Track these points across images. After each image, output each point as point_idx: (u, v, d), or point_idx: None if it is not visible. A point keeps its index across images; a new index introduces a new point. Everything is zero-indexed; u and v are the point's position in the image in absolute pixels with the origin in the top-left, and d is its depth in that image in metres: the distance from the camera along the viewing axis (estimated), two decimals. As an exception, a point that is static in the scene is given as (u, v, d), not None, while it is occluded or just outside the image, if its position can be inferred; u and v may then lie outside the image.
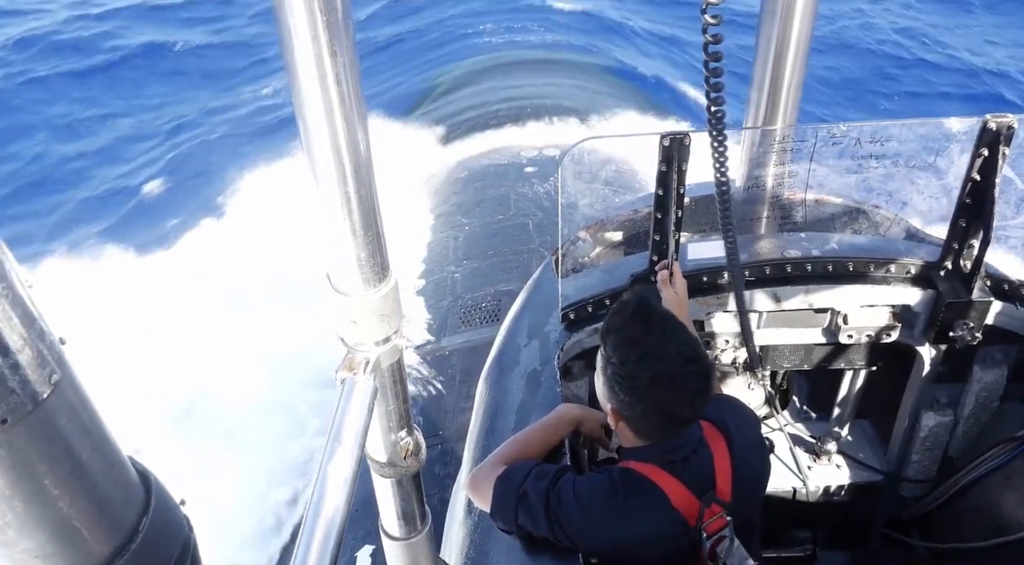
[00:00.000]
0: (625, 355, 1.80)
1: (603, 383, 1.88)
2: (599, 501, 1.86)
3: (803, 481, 3.01)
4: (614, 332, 1.85)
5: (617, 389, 1.82)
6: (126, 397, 6.65)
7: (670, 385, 1.76)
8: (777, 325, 2.77)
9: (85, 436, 0.95)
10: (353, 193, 1.38)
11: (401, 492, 1.81)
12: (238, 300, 8.10)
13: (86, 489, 0.95)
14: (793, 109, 2.83)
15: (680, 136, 2.30)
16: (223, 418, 7.07)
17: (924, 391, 2.80)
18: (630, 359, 1.78)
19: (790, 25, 2.64)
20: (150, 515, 1.03)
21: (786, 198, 2.73)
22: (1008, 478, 2.62)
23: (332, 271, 1.48)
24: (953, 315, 2.55)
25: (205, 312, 8.03)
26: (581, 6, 17.75)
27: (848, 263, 2.64)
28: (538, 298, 3.00)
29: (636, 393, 1.79)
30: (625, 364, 1.79)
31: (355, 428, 1.44)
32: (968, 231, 2.48)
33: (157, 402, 7.04)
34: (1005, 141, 2.29)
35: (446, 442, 5.19)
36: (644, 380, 1.77)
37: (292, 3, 1.19)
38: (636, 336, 1.80)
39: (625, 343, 1.81)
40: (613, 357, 1.82)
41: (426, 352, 6.08)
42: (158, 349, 7.59)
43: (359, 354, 1.53)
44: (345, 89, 1.28)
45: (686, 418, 1.83)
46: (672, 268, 2.49)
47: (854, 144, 2.47)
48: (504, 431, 2.48)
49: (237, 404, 7.13)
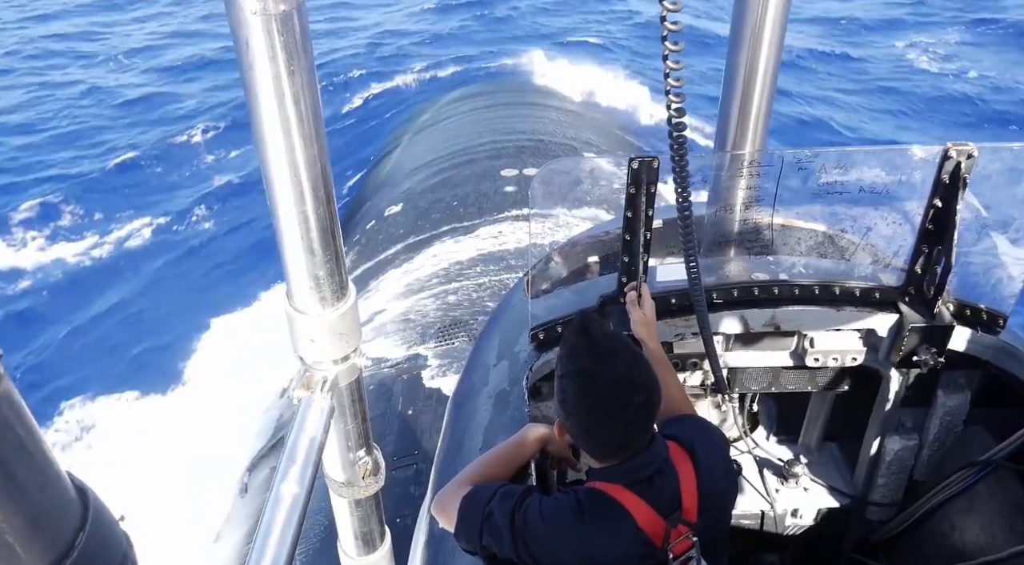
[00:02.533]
0: (563, 369, 1.81)
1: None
2: (565, 522, 1.85)
3: (771, 504, 3.02)
4: (561, 345, 1.86)
5: (558, 404, 1.83)
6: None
7: (598, 409, 1.76)
8: (745, 347, 2.79)
9: (20, 450, 0.94)
10: (312, 211, 1.38)
11: (359, 512, 1.80)
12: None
13: (20, 504, 0.94)
14: (762, 135, 2.87)
15: (649, 159, 2.33)
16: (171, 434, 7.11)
17: (890, 415, 2.82)
18: (566, 375, 1.79)
19: (758, 52, 2.68)
20: (87, 530, 1.02)
21: (753, 222, 2.75)
22: (971, 503, 2.64)
23: (290, 289, 1.48)
24: (916, 339, 2.58)
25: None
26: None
27: (814, 287, 2.67)
28: (509, 318, 3.00)
29: (567, 411, 1.80)
30: (562, 377, 1.80)
31: (311, 447, 1.44)
32: (930, 256, 2.51)
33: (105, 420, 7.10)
34: (966, 169, 2.34)
35: (420, 462, 5.16)
36: (572, 399, 1.77)
37: (250, 22, 1.20)
38: (575, 353, 1.80)
39: (564, 359, 1.82)
40: (557, 369, 1.83)
41: (403, 371, 6.06)
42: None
43: (317, 373, 1.53)
44: (303, 108, 1.29)
45: (617, 444, 1.82)
46: (641, 290, 2.50)
47: (820, 169, 2.51)
48: (471, 452, 2.47)
49: (184, 418, 7.17)
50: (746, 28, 2.66)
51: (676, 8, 1.77)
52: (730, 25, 2.72)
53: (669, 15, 1.79)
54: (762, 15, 2.60)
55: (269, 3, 1.20)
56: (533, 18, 21.04)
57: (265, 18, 1.21)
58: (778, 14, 2.61)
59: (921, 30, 17.80)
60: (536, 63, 16.99)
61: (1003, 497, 2.57)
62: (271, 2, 1.20)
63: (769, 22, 2.62)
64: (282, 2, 1.22)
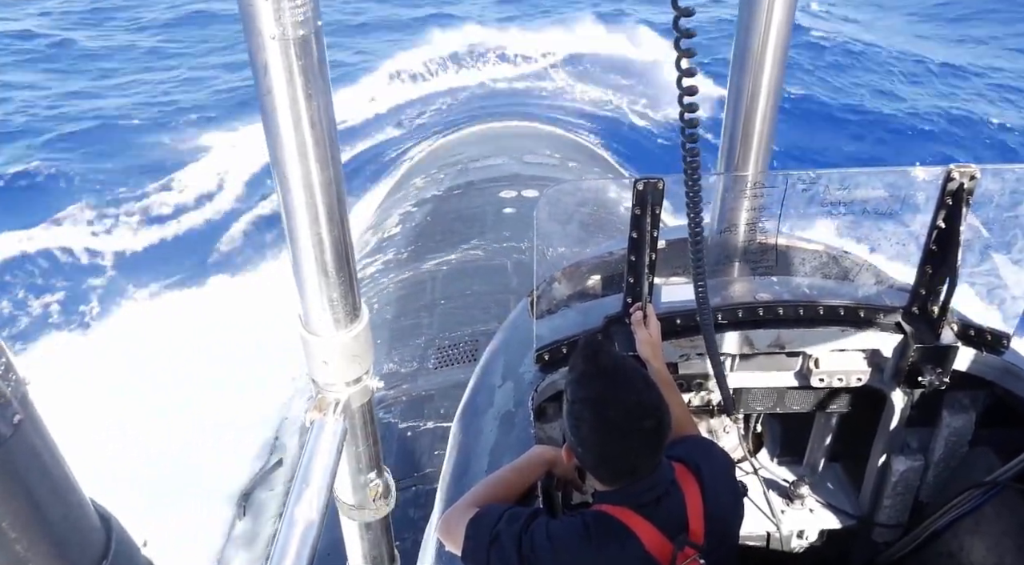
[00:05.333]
0: (573, 394, 1.81)
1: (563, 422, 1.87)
2: (572, 545, 1.84)
3: (776, 525, 3.00)
4: (570, 371, 1.86)
5: (568, 429, 1.83)
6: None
7: (612, 435, 1.76)
8: (749, 368, 2.79)
9: (46, 477, 0.94)
10: (326, 234, 1.39)
11: (370, 535, 1.79)
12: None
13: (45, 531, 0.93)
14: (765, 156, 2.89)
15: (654, 180, 2.34)
16: (188, 457, 7.04)
17: (895, 435, 2.82)
18: (578, 401, 1.79)
19: (761, 74, 2.71)
20: (110, 558, 1.02)
21: (757, 243, 2.77)
22: (977, 523, 2.63)
23: (304, 311, 1.48)
24: (921, 360, 2.58)
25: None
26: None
27: (819, 307, 2.67)
28: (513, 339, 3.00)
29: (580, 436, 1.80)
30: (573, 404, 1.80)
31: (323, 470, 1.43)
32: (935, 277, 2.53)
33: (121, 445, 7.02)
34: (968, 191, 2.35)
35: (420, 484, 5.12)
36: (587, 424, 1.77)
37: (268, 46, 1.22)
38: (586, 379, 1.81)
39: (575, 384, 1.82)
40: (567, 395, 1.83)
41: (402, 392, 6.03)
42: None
43: (329, 395, 1.53)
44: (319, 132, 1.30)
45: (628, 469, 1.82)
46: (646, 310, 2.51)
47: (823, 191, 2.53)
48: (477, 473, 2.45)
49: (201, 441, 7.12)
50: (749, 50, 2.69)
51: (691, 35, 1.79)
52: (732, 47, 2.76)
53: (683, 40, 1.81)
54: (764, 38, 2.63)
55: (288, 28, 1.22)
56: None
57: (283, 43, 1.22)
58: (780, 37, 2.65)
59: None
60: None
61: (1010, 518, 2.56)
62: (290, 27, 1.22)
63: (771, 45, 2.65)
64: (300, 27, 1.23)
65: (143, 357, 8.93)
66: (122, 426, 7.64)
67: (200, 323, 9.73)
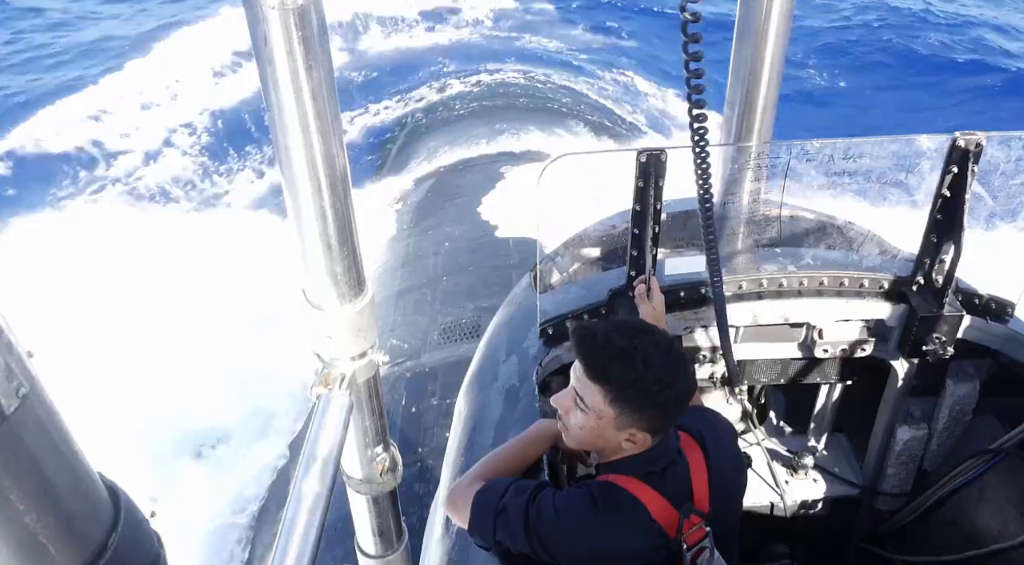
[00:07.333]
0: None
1: (604, 397, 1.80)
2: (578, 515, 1.85)
3: (780, 495, 3.02)
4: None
5: (630, 397, 1.78)
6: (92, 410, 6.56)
7: (664, 383, 1.76)
8: (754, 340, 2.79)
9: (53, 450, 0.94)
10: (329, 207, 1.38)
11: (377, 509, 1.80)
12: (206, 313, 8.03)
13: (53, 504, 0.94)
14: (768, 127, 2.87)
15: (657, 152, 2.32)
16: (194, 431, 7.03)
17: (898, 405, 2.82)
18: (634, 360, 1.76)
19: (764, 44, 2.68)
20: (119, 531, 1.02)
21: (761, 214, 2.75)
22: (982, 491, 2.65)
23: (308, 286, 1.48)
24: (925, 329, 2.58)
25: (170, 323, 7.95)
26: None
27: (823, 278, 2.67)
28: (517, 314, 2.99)
29: (643, 397, 1.77)
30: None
31: (330, 445, 1.43)
32: (939, 246, 2.52)
33: (123, 414, 6.95)
34: (974, 158, 2.33)
35: (425, 459, 5.15)
36: (649, 382, 1.75)
37: (268, 18, 1.20)
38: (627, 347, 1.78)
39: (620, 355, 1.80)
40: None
41: (406, 369, 6.04)
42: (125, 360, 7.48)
43: (335, 369, 1.53)
44: (321, 104, 1.28)
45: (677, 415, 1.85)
46: (650, 283, 2.50)
47: (827, 160, 2.51)
48: (482, 447, 2.46)
49: (208, 417, 7.08)
50: (752, 21, 2.66)
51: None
52: (736, 18, 2.72)
53: (688, 5, 1.78)
54: (768, 8, 2.60)
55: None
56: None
57: (283, 12, 1.20)
58: (784, 7, 2.61)
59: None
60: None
61: (1013, 485, 2.57)
62: None
63: (775, 15, 2.62)
64: None
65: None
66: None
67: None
